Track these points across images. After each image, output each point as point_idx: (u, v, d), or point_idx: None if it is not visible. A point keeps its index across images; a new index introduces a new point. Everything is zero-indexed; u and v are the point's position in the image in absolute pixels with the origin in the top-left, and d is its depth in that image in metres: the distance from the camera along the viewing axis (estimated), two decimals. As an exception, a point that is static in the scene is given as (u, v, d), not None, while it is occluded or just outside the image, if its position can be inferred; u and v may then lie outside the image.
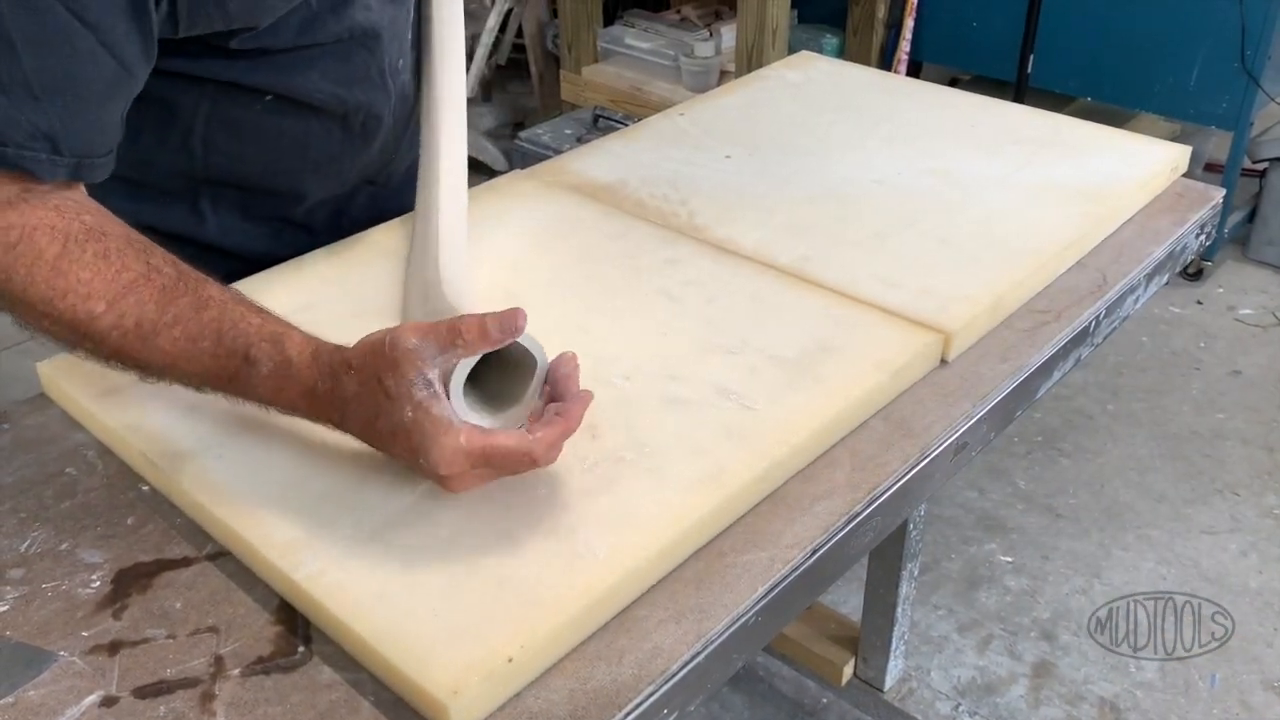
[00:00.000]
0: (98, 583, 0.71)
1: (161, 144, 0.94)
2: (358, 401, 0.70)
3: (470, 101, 2.69)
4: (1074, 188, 1.14)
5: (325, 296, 0.96)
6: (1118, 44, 2.87)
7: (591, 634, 0.67)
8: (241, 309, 0.75)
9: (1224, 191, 1.21)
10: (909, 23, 3.09)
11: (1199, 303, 2.86)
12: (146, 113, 0.88)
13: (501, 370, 0.74)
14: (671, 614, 0.69)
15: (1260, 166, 2.99)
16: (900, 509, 0.83)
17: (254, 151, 0.97)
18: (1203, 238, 1.19)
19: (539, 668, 0.65)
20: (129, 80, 0.80)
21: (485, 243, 1.03)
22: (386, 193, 1.11)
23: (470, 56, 3.27)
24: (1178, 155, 1.21)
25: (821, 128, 1.28)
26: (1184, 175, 1.24)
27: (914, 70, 3.25)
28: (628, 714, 0.63)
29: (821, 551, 0.75)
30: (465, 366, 0.69)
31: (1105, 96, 2.98)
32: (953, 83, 3.28)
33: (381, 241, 1.05)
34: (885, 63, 3.16)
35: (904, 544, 1.56)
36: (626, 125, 1.97)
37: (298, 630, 0.68)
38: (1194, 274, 2.92)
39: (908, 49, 3.12)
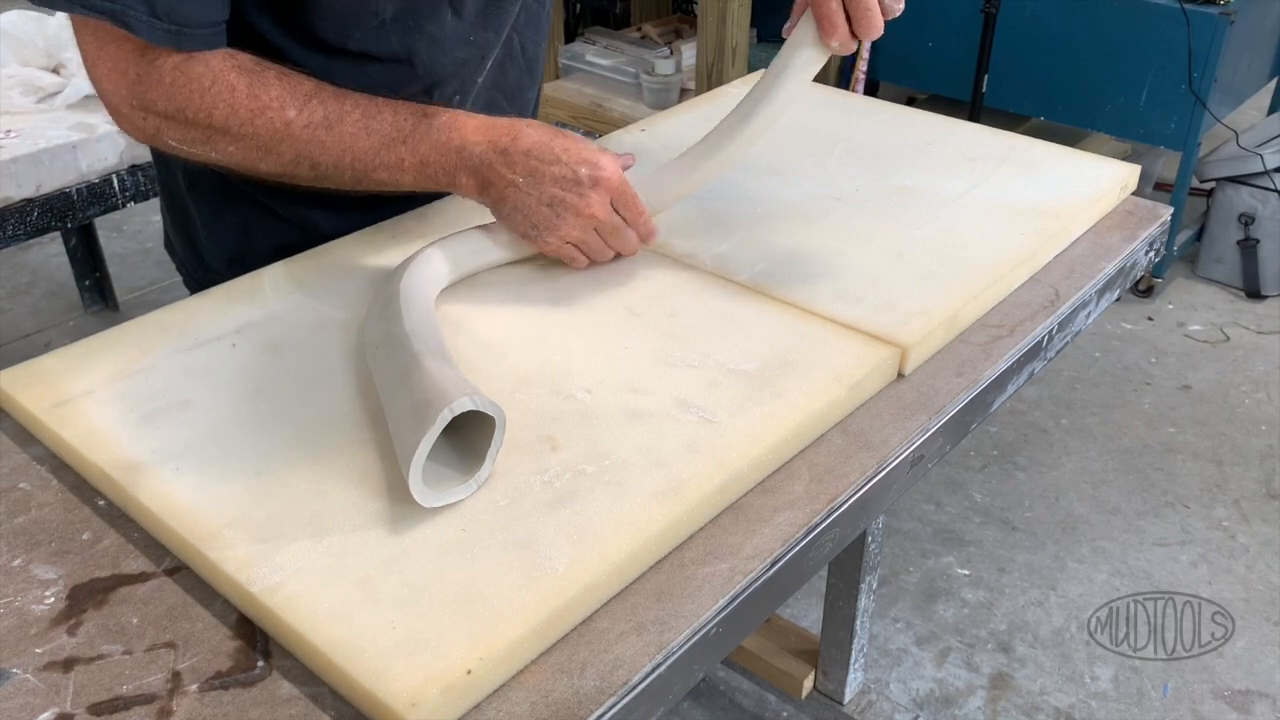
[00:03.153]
0: (52, 599, 0.70)
1: None
2: (533, 125, 0.93)
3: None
4: (1027, 205, 1.16)
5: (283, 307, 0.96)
6: (1070, 65, 2.92)
7: (552, 646, 0.68)
8: None
9: (1172, 209, 1.24)
10: (866, 43, 3.13)
11: (1150, 319, 2.91)
12: None
13: (462, 437, 0.76)
14: (632, 626, 0.69)
15: (1208, 186, 3.06)
16: (858, 520, 0.84)
17: None
18: (1152, 254, 1.21)
19: (498, 680, 0.65)
20: None
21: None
22: None
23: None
24: (1127, 174, 1.24)
25: (781, 145, 1.30)
26: (1134, 194, 1.27)
27: (871, 89, 3.29)
28: (589, 725, 0.63)
29: (781, 563, 0.75)
30: (427, 444, 0.70)
31: (1058, 116, 3.04)
32: (909, 102, 3.33)
33: (346, 254, 1.05)
34: (843, 82, 3.20)
35: (863, 557, 1.58)
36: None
37: (256, 645, 0.68)
38: (1145, 291, 2.98)
39: (865, 68, 3.16)
